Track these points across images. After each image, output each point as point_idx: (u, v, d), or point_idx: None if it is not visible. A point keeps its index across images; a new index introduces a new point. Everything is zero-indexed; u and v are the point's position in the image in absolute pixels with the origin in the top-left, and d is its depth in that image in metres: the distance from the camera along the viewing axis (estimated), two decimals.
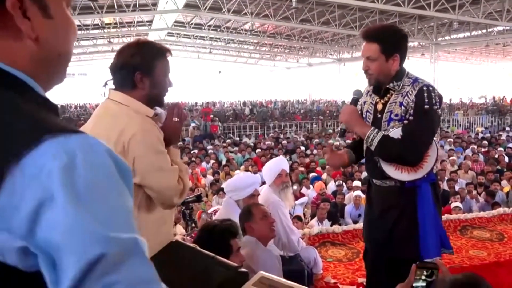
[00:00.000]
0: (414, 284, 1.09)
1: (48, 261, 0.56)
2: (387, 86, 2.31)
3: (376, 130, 2.27)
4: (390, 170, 2.28)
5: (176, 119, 1.89)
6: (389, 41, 2.25)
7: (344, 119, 2.40)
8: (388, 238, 2.35)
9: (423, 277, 1.08)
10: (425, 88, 2.21)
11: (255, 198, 3.16)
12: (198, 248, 1.49)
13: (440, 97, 2.25)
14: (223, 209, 3.26)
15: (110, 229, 0.57)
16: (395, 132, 2.25)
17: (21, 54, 0.68)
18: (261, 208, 2.81)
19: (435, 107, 2.21)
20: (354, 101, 2.43)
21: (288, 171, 3.56)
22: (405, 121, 2.23)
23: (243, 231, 2.77)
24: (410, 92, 2.23)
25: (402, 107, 2.24)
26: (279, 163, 3.62)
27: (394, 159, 2.26)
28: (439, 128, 2.40)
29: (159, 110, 1.91)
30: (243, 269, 1.31)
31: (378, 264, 2.47)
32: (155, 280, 0.61)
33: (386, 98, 2.33)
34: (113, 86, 1.84)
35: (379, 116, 2.35)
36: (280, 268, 2.70)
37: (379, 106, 2.36)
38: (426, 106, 2.18)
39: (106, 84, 1.85)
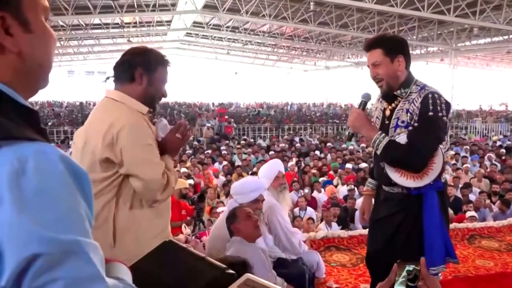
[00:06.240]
0: (395, 285, 1.08)
1: None
2: (395, 93, 2.33)
3: (383, 134, 2.28)
4: (395, 176, 2.29)
5: (179, 136, 1.97)
6: (390, 43, 2.31)
7: (351, 123, 2.39)
8: (390, 244, 2.36)
9: (403, 278, 1.07)
10: (430, 95, 2.21)
11: (259, 203, 3.15)
12: (191, 248, 1.53)
13: (447, 104, 2.24)
14: (226, 211, 3.29)
15: (50, 230, 0.62)
16: (401, 139, 2.25)
17: (4, 67, 0.73)
18: (244, 209, 2.88)
19: (440, 114, 2.19)
20: (363, 105, 2.43)
21: (284, 172, 3.55)
22: (410, 128, 2.24)
23: (230, 232, 2.83)
24: (416, 99, 2.24)
25: (408, 114, 2.25)
26: (275, 166, 3.61)
27: (398, 164, 2.26)
28: (448, 136, 2.38)
29: (164, 121, 2.02)
30: (230, 271, 1.34)
31: (381, 269, 2.47)
32: (98, 278, 0.65)
33: (393, 105, 2.35)
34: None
35: (387, 122, 2.36)
36: (266, 258, 2.77)
37: (387, 112, 2.38)
38: (430, 113, 2.19)
39: (107, 78, 1.94)
